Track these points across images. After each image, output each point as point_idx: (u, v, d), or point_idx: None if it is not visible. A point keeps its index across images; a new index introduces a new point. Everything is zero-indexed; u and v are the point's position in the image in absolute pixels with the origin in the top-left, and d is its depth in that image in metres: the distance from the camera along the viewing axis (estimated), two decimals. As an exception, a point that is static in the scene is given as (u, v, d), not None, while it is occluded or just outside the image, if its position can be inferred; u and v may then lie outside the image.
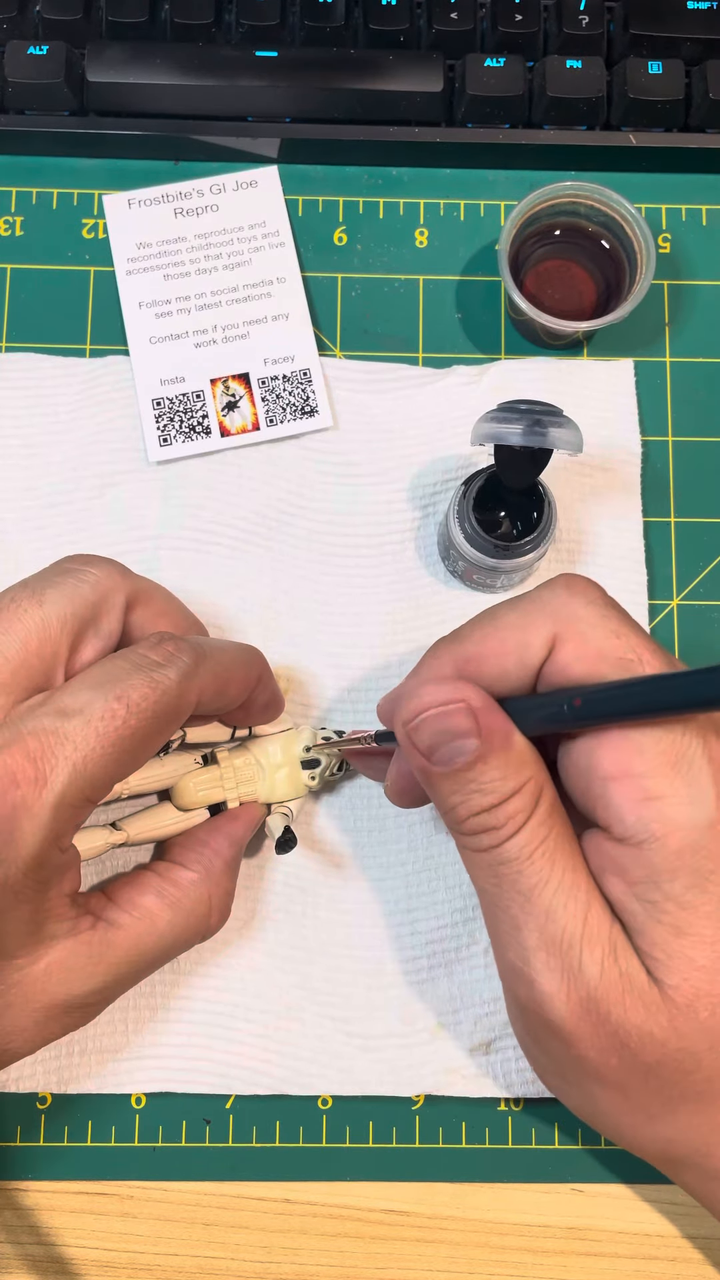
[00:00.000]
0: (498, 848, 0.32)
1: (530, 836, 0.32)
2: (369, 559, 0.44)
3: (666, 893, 0.31)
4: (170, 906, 0.36)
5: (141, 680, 0.32)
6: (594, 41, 0.46)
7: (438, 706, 0.32)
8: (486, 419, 0.37)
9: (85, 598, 0.34)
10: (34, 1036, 0.34)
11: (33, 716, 0.32)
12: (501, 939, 0.33)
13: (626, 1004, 0.31)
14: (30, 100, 0.45)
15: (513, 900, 0.32)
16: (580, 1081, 0.34)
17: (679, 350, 0.46)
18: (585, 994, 0.31)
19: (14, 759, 0.31)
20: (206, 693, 0.35)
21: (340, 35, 0.46)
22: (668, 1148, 0.34)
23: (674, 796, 0.30)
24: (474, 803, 0.32)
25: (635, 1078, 0.32)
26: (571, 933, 0.31)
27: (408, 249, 0.47)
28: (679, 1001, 0.31)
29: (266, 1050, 0.40)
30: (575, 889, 0.32)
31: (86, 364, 0.45)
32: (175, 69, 0.45)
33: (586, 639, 0.32)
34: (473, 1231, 0.40)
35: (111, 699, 0.32)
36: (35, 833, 0.31)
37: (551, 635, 0.32)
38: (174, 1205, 0.40)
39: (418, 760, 0.33)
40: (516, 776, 0.32)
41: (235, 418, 0.44)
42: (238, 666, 0.36)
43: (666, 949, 0.31)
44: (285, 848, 0.38)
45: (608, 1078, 0.32)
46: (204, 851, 0.38)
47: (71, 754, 0.31)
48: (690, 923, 0.31)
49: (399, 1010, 0.41)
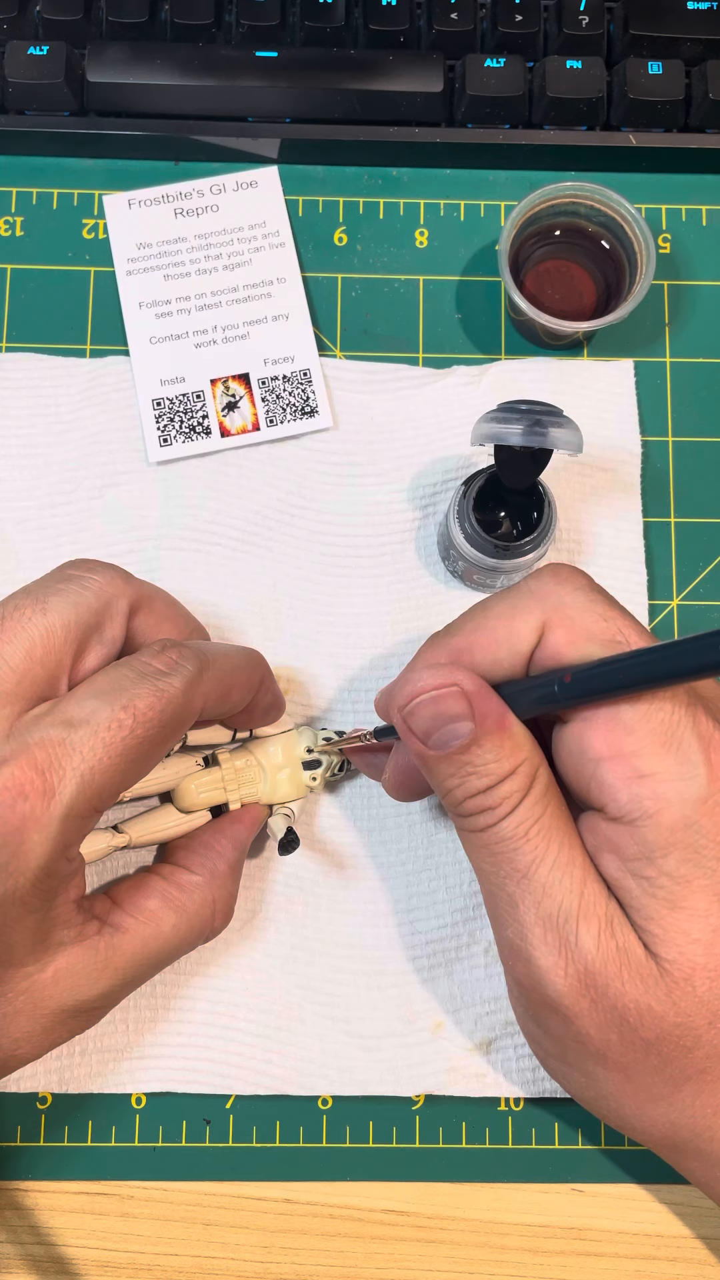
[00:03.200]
0: (494, 827, 0.32)
1: (525, 815, 0.32)
2: (369, 559, 0.44)
3: (661, 868, 0.31)
4: (175, 910, 0.36)
5: (147, 689, 0.32)
6: (594, 42, 0.46)
7: (432, 691, 0.32)
8: (486, 419, 0.37)
9: (89, 605, 0.34)
10: (41, 1042, 0.34)
11: (39, 727, 0.32)
12: (500, 918, 0.33)
13: (624, 978, 0.31)
14: (30, 100, 0.45)
15: (509, 878, 0.32)
16: (582, 1062, 0.34)
17: (679, 350, 0.46)
18: (583, 968, 0.32)
19: (22, 771, 0.31)
20: (210, 699, 0.35)
21: (340, 35, 0.46)
22: (671, 1131, 0.34)
23: (665, 773, 0.31)
24: (470, 785, 0.32)
25: (636, 1055, 0.32)
26: (568, 908, 0.32)
27: (408, 249, 0.47)
28: (676, 975, 0.31)
29: (267, 1050, 0.40)
30: (571, 865, 0.32)
31: (86, 364, 0.45)
32: (175, 69, 0.45)
33: (575, 623, 0.32)
34: (473, 1231, 0.40)
35: (118, 709, 0.32)
36: (43, 844, 0.31)
37: (541, 622, 0.33)
38: (174, 1205, 0.40)
39: (414, 745, 0.33)
40: (511, 758, 0.32)
41: (235, 418, 0.44)
42: (241, 671, 0.36)
43: (662, 923, 0.31)
44: (288, 849, 0.38)
45: (609, 1056, 0.33)
46: (208, 854, 0.38)
47: (79, 765, 0.31)
48: (684, 897, 0.31)
49: (399, 1010, 0.41)
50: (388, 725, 0.38)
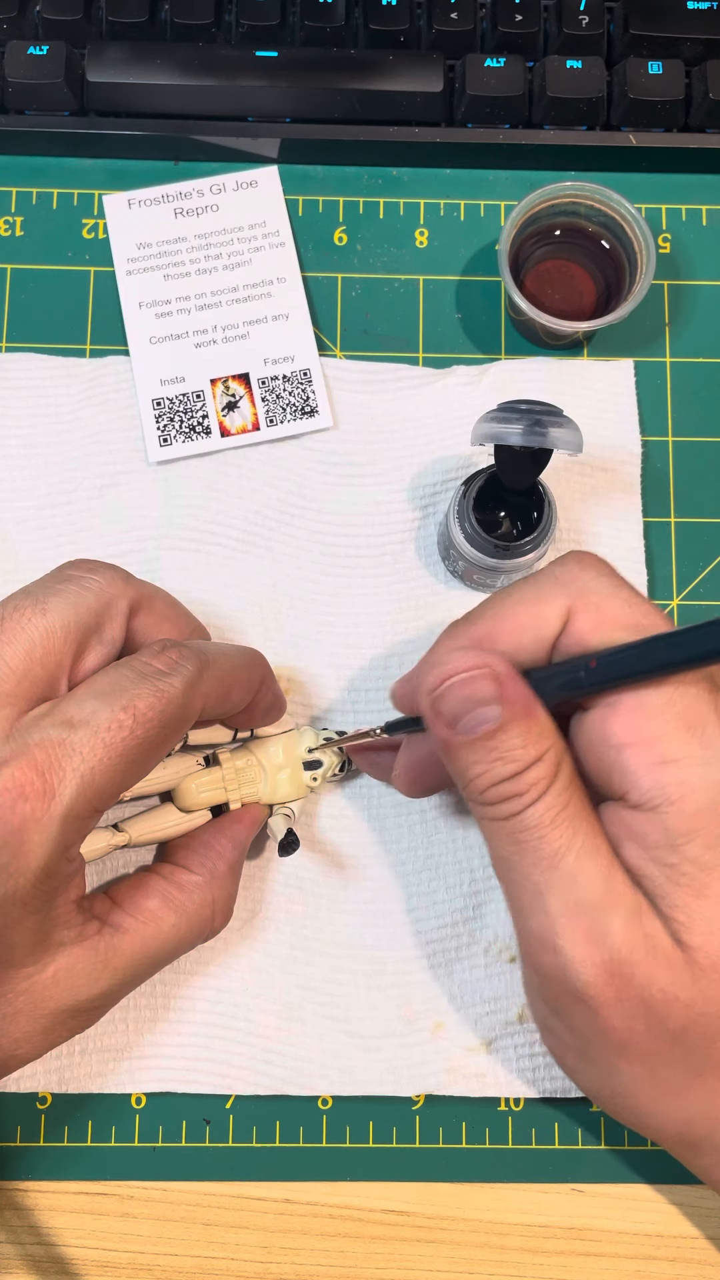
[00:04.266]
0: (519, 815, 0.32)
1: (552, 803, 0.32)
2: (369, 559, 0.44)
3: (684, 855, 0.31)
4: (175, 909, 0.36)
5: (147, 690, 0.32)
6: (594, 41, 0.46)
7: (463, 673, 0.32)
8: (486, 419, 0.38)
9: (88, 605, 0.34)
10: (41, 1042, 0.34)
11: (39, 728, 0.32)
12: (524, 907, 0.33)
13: (651, 967, 0.31)
14: (30, 100, 0.45)
15: (535, 866, 0.32)
16: (603, 1056, 0.33)
17: (679, 350, 0.46)
18: (609, 957, 0.31)
19: (22, 772, 0.31)
20: (211, 699, 0.35)
21: (340, 35, 0.46)
22: (688, 1128, 0.34)
23: (688, 759, 0.31)
24: (496, 771, 0.32)
25: (660, 1046, 0.32)
26: (595, 897, 0.31)
27: (408, 249, 0.47)
28: (703, 964, 0.31)
29: (267, 1050, 0.40)
30: (597, 854, 0.32)
31: (86, 364, 0.45)
32: (175, 69, 0.45)
33: (600, 609, 0.32)
34: (473, 1231, 0.40)
35: (118, 709, 0.32)
36: (44, 845, 0.31)
37: (566, 608, 0.33)
38: (174, 1205, 0.40)
39: (440, 731, 0.32)
40: (538, 745, 0.32)
41: (235, 418, 0.44)
42: (241, 671, 0.36)
43: (687, 911, 0.31)
44: (288, 850, 0.38)
45: (632, 1048, 0.32)
46: (207, 854, 0.38)
47: (79, 766, 0.31)
48: (709, 884, 0.31)
49: (399, 1010, 0.41)
50: (401, 719, 0.38)
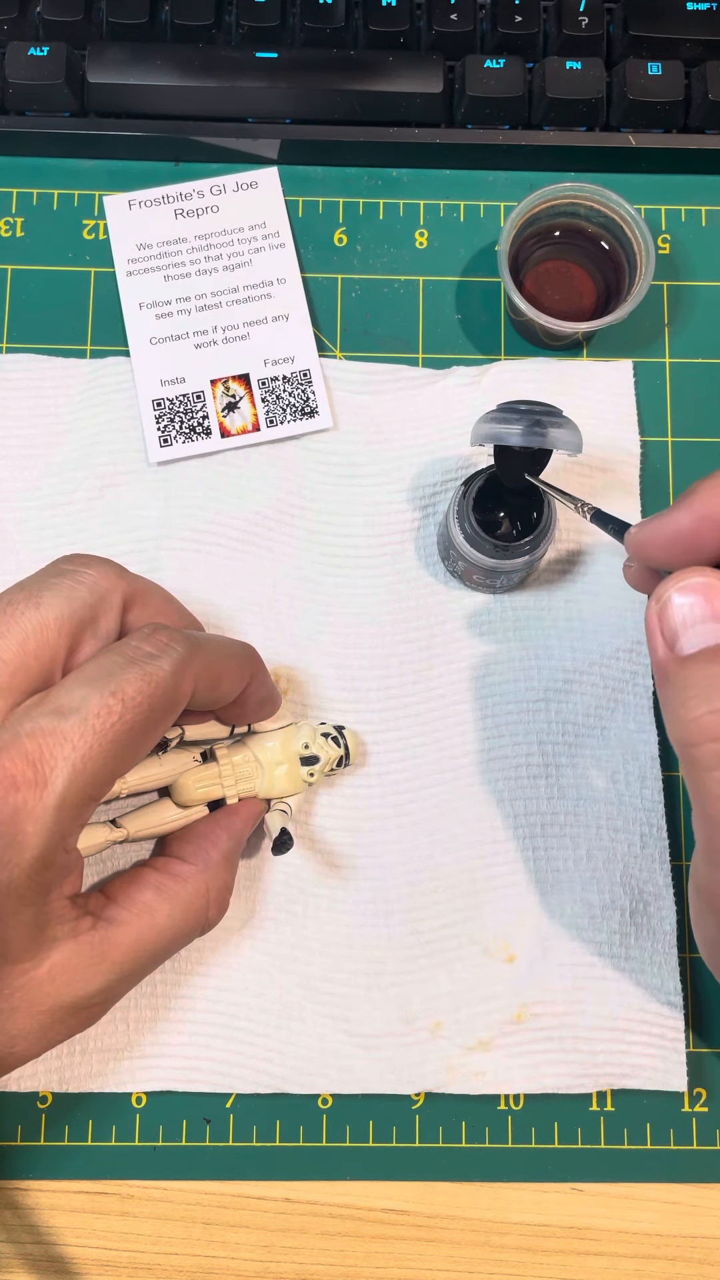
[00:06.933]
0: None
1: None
2: (369, 559, 0.44)
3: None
4: (169, 899, 0.36)
5: (136, 674, 0.33)
6: (594, 42, 0.46)
7: (694, 591, 0.30)
8: (486, 419, 0.38)
9: (82, 599, 0.34)
10: (39, 1040, 0.34)
11: (29, 718, 0.32)
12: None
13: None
14: (31, 101, 0.46)
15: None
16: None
17: (678, 351, 0.47)
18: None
19: (12, 762, 0.31)
20: (200, 684, 0.35)
21: (340, 36, 0.46)
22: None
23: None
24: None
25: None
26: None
27: (408, 250, 0.47)
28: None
29: (267, 1049, 0.41)
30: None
31: (87, 365, 0.45)
32: (175, 70, 0.45)
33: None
34: (473, 1231, 0.40)
35: (106, 695, 0.32)
36: (38, 835, 0.31)
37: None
38: (174, 1205, 0.40)
39: (658, 646, 0.31)
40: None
41: (235, 418, 0.45)
42: (232, 660, 0.36)
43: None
44: (282, 849, 0.38)
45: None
46: (202, 844, 0.38)
47: (70, 754, 0.31)
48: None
49: (399, 1009, 0.41)
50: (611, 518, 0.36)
